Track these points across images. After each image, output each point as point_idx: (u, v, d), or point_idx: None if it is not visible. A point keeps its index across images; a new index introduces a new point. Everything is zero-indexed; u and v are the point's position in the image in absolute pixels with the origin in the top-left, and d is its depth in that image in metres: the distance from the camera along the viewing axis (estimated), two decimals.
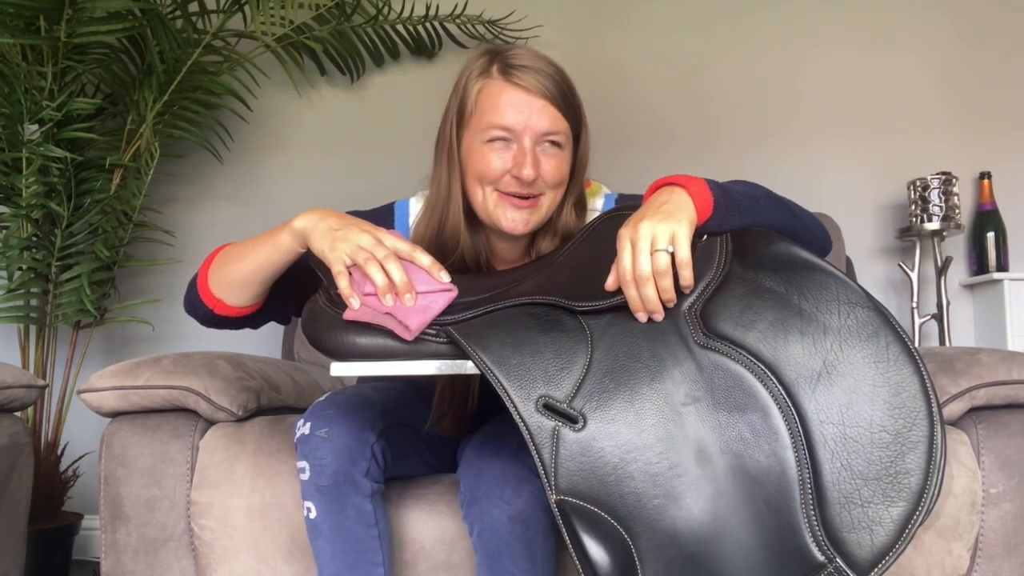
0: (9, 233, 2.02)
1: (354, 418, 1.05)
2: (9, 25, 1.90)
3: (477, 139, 1.11)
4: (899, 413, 0.86)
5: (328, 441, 1.02)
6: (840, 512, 0.84)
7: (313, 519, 1.04)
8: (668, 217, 0.92)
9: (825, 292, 0.91)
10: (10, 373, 1.42)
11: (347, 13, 2.31)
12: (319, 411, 1.05)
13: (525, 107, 1.09)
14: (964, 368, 1.22)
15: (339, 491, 1.02)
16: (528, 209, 1.12)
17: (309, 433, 1.03)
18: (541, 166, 1.10)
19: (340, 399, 1.08)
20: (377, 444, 1.05)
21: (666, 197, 0.95)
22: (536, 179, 1.10)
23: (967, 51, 2.47)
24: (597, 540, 0.84)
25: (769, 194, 1.05)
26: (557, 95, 1.10)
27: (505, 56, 1.12)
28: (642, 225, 0.91)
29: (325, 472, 1.02)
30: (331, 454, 1.02)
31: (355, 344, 0.94)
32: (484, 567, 1.03)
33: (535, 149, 1.10)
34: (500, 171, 1.10)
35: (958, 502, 1.18)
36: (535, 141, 1.10)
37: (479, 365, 0.91)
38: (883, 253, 2.44)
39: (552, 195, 1.13)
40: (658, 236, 0.91)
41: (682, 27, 2.51)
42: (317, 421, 1.04)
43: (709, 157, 2.43)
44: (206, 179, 2.43)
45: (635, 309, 0.92)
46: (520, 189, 1.11)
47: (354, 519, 1.04)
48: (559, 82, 1.11)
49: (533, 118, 1.09)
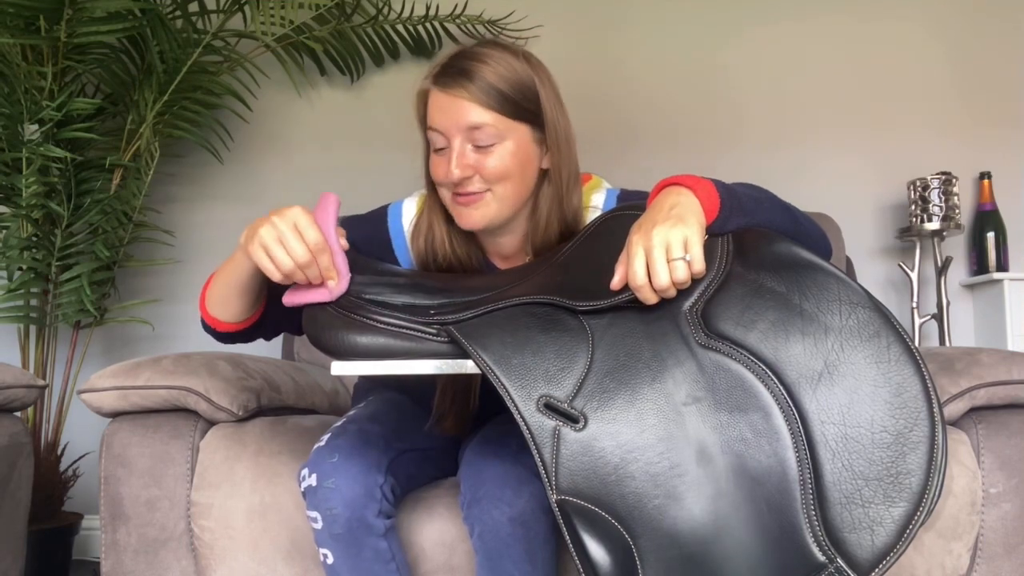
0: (9, 233, 2.02)
1: (360, 462, 1.04)
2: (9, 25, 1.90)
3: (428, 144, 1.15)
4: (900, 413, 0.86)
5: (336, 491, 1.01)
6: (841, 512, 0.84)
7: (331, 564, 1.04)
8: (680, 222, 0.91)
9: (826, 292, 0.91)
10: (10, 373, 1.42)
11: (347, 13, 2.31)
12: (322, 460, 1.04)
13: (447, 107, 1.09)
14: (964, 368, 1.22)
15: (354, 537, 1.02)
16: (475, 206, 1.12)
17: (316, 485, 1.02)
18: (474, 162, 1.10)
19: (342, 443, 1.06)
20: (386, 483, 1.05)
21: (674, 199, 0.95)
22: (470, 177, 1.10)
23: (967, 51, 2.47)
24: (598, 540, 0.84)
25: (773, 198, 1.05)
26: (482, 93, 1.08)
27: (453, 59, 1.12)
28: (655, 232, 0.91)
29: (338, 521, 1.01)
30: (341, 504, 1.01)
31: (355, 343, 0.94)
32: (484, 568, 1.03)
33: (464, 147, 1.10)
34: (442, 175, 1.12)
35: (958, 502, 1.18)
36: (464, 139, 1.10)
37: (480, 364, 0.91)
38: (883, 253, 2.44)
39: (501, 189, 1.12)
40: (672, 243, 0.90)
41: (682, 28, 2.51)
42: (323, 471, 1.02)
43: (709, 157, 2.43)
44: (206, 179, 2.43)
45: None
46: (458, 189, 1.11)
47: (372, 559, 1.04)
48: (489, 79, 1.09)
49: (455, 116, 1.09)
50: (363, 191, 2.38)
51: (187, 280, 2.40)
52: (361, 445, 1.06)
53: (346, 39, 2.36)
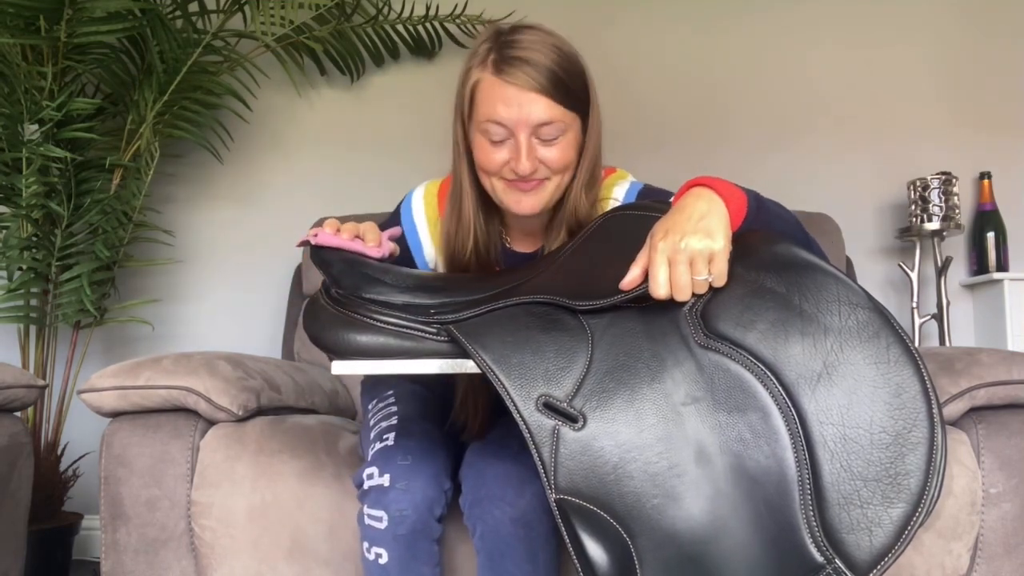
0: (9, 233, 2.02)
1: (431, 466, 1.05)
2: (9, 25, 1.90)
3: (479, 132, 1.12)
4: (899, 414, 0.86)
5: (407, 493, 1.02)
6: (839, 513, 0.84)
7: (383, 564, 1.04)
8: (708, 237, 0.89)
9: (826, 293, 0.91)
10: (10, 373, 1.42)
11: (347, 13, 2.31)
12: (393, 459, 1.05)
13: (515, 101, 1.08)
14: (964, 368, 1.22)
15: (415, 539, 1.03)
16: (534, 192, 1.13)
17: (388, 485, 1.03)
18: (540, 155, 1.11)
19: (412, 445, 1.07)
20: (450, 488, 1.06)
21: (705, 207, 0.92)
22: (535, 169, 1.11)
23: (967, 51, 2.47)
24: (596, 539, 0.84)
25: (798, 224, 1.03)
26: (549, 85, 1.09)
27: (502, 45, 1.11)
28: (683, 244, 0.89)
29: (405, 522, 1.02)
30: (411, 506, 1.02)
31: (355, 342, 0.95)
32: (486, 569, 1.03)
33: (531, 141, 1.10)
34: (500, 164, 1.11)
35: (958, 502, 1.18)
36: (530, 133, 1.10)
37: (479, 364, 0.91)
38: (883, 253, 2.44)
39: (558, 179, 1.14)
40: (698, 260, 0.89)
41: (682, 28, 2.50)
42: (396, 473, 1.03)
43: (708, 158, 2.43)
44: (206, 179, 2.43)
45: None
46: (521, 179, 1.12)
47: (423, 561, 1.05)
48: (553, 70, 1.09)
49: (524, 111, 1.08)
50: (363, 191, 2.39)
51: (187, 280, 2.40)
52: (430, 447, 1.08)
53: (346, 39, 2.36)
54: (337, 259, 1.03)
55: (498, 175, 1.12)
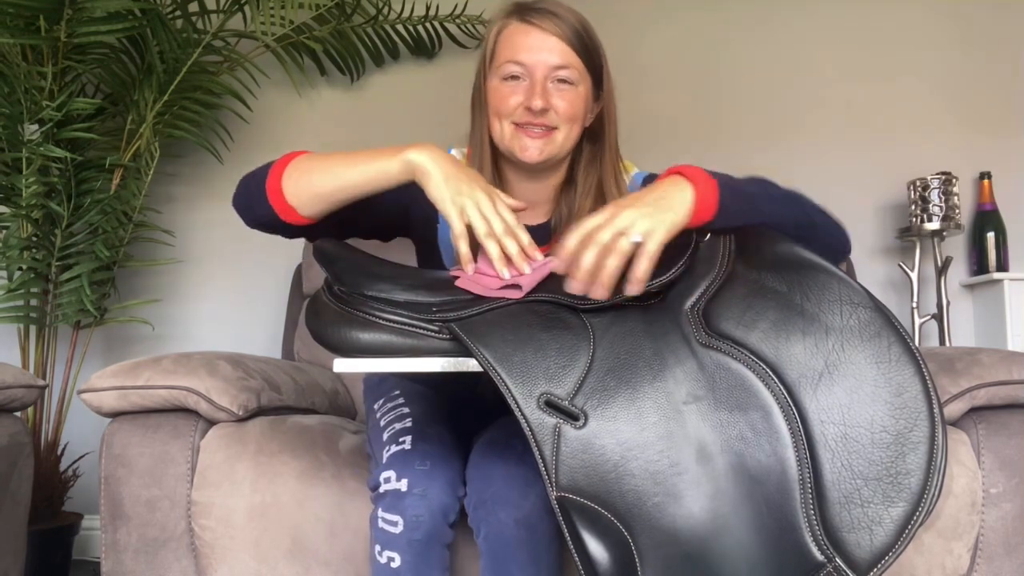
0: (9, 233, 2.02)
1: (448, 471, 1.05)
2: (9, 25, 1.90)
3: (497, 78, 1.18)
4: (900, 414, 0.86)
5: (424, 498, 1.02)
6: (840, 512, 0.84)
7: (396, 568, 1.03)
8: (654, 213, 0.93)
9: (827, 292, 0.91)
10: (10, 373, 1.42)
11: (347, 13, 2.31)
12: (411, 464, 1.04)
13: (537, 44, 1.15)
14: (964, 368, 1.22)
15: (429, 544, 1.03)
16: (542, 139, 1.17)
17: (406, 491, 1.02)
18: (552, 99, 1.15)
19: (430, 450, 1.07)
20: (464, 495, 1.06)
21: (663, 191, 0.96)
22: (547, 111, 1.15)
23: (967, 51, 2.47)
24: (597, 537, 0.84)
25: (787, 194, 1.05)
26: (571, 35, 1.16)
27: (527, 3, 1.18)
28: (625, 212, 0.93)
29: (421, 527, 1.02)
30: (427, 511, 1.02)
31: (357, 340, 0.94)
32: (488, 571, 1.03)
33: (546, 83, 1.15)
34: (514, 104, 1.16)
35: (958, 502, 1.18)
36: (546, 76, 1.15)
37: (481, 362, 0.91)
38: (883, 253, 2.44)
39: (566, 129, 1.18)
40: (634, 227, 0.92)
41: (683, 26, 2.51)
42: (414, 478, 1.03)
43: (708, 155, 2.41)
44: (206, 179, 2.43)
45: (570, 272, 0.93)
46: (532, 119, 1.15)
47: (435, 565, 1.04)
48: (575, 25, 1.16)
49: (544, 54, 1.15)
50: None
51: (187, 280, 2.40)
52: (447, 452, 1.08)
53: (346, 39, 2.36)
54: (339, 256, 1.03)
55: (510, 117, 1.16)
